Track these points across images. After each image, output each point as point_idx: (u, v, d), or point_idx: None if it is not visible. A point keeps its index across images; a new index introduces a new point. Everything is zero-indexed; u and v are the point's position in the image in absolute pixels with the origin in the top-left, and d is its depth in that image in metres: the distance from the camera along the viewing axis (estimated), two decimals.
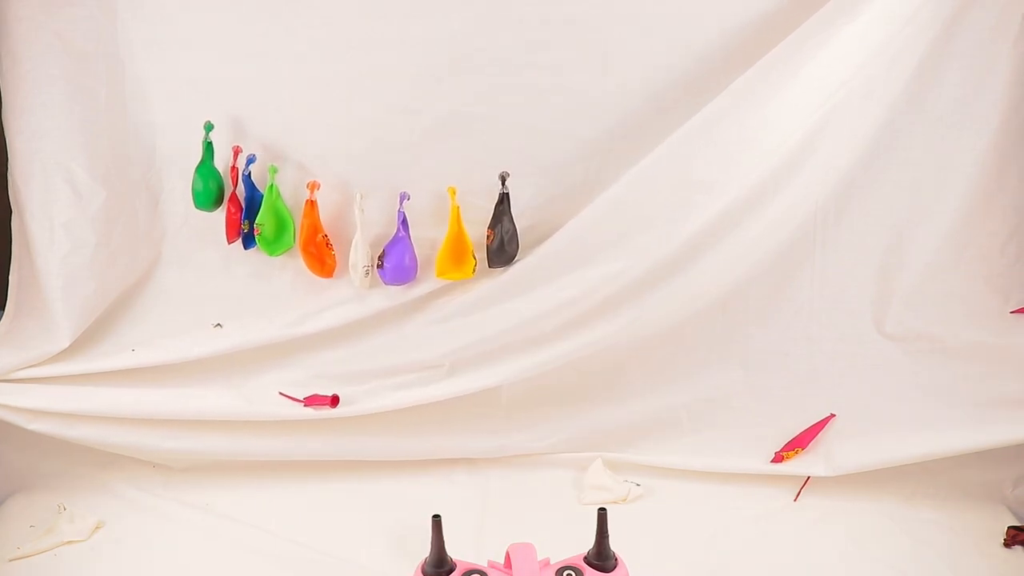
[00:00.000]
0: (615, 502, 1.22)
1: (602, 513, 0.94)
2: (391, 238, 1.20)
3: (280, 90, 1.18)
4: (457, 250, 1.19)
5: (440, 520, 0.95)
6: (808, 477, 1.23)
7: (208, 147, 1.20)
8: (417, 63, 1.15)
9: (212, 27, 1.16)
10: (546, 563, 0.95)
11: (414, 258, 1.21)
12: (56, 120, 1.16)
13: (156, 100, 1.21)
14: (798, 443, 1.24)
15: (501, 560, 0.96)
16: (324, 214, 1.21)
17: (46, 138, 1.17)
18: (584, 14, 1.13)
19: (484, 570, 0.95)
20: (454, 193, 1.18)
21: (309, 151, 1.21)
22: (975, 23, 1.12)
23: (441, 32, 1.14)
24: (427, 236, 1.21)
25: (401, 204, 1.19)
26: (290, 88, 1.18)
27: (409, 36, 1.14)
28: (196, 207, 1.22)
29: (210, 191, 1.21)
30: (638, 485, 1.25)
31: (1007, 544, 1.14)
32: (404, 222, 1.19)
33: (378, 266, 1.21)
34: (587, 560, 0.95)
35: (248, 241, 1.24)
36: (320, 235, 1.21)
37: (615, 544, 0.95)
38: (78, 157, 1.18)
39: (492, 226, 1.19)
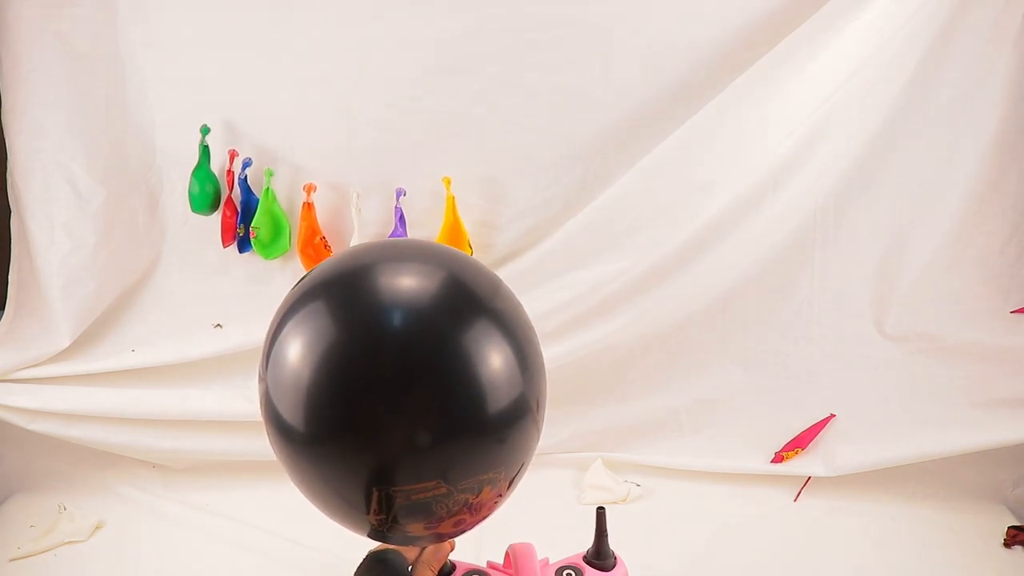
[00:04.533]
0: (615, 502, 1.22)
1: (601, 512, 0.94)
2: (389, 235, 1.20)
3: (280, 90, 1.18)
4: (453, 239, 1.19)
5: None
6: (808, 477, 1.23)
7: (204, 150, 1.20)
8: (416, 63, 1.15)
9: (212, 27, 1.16)
10: (546, 563, 0.95)
11: None
12: (56, 120, 1.17)
13: (156, 100, 1.21)
14: (798, 443, 1.24)
15: (501, 560, 0.96)
16: (322, 215, 1.21)
17: (46, 138, 1.17)
18: (584, 14, 1.13)
19: (484, 570, 0.95)
20: (449, 183, 1.18)
21: (307, 152, 1.21)
22: (975, 23, 1.12)
23: (440, 32, 1.14)
24: (424, 236, 1.21)
25: (398, 200, 1.19)
26: (290, 88, 1.18)
27: (408, 36, 1.14)
28: (193, 211, 1.21)
29: (207, 195, 1.20)
30: (638, 485, 1.25)
31: (1007, 544, 1.14)
32: (401, 218, 1.19)
33: None
34: (586, 559, 0.95)
35: (244, 245, 1.24)
36: (318, 237, 1.21)
37: (615, 544, 0.95)
38: (78, 157, 1.18)
39: None
